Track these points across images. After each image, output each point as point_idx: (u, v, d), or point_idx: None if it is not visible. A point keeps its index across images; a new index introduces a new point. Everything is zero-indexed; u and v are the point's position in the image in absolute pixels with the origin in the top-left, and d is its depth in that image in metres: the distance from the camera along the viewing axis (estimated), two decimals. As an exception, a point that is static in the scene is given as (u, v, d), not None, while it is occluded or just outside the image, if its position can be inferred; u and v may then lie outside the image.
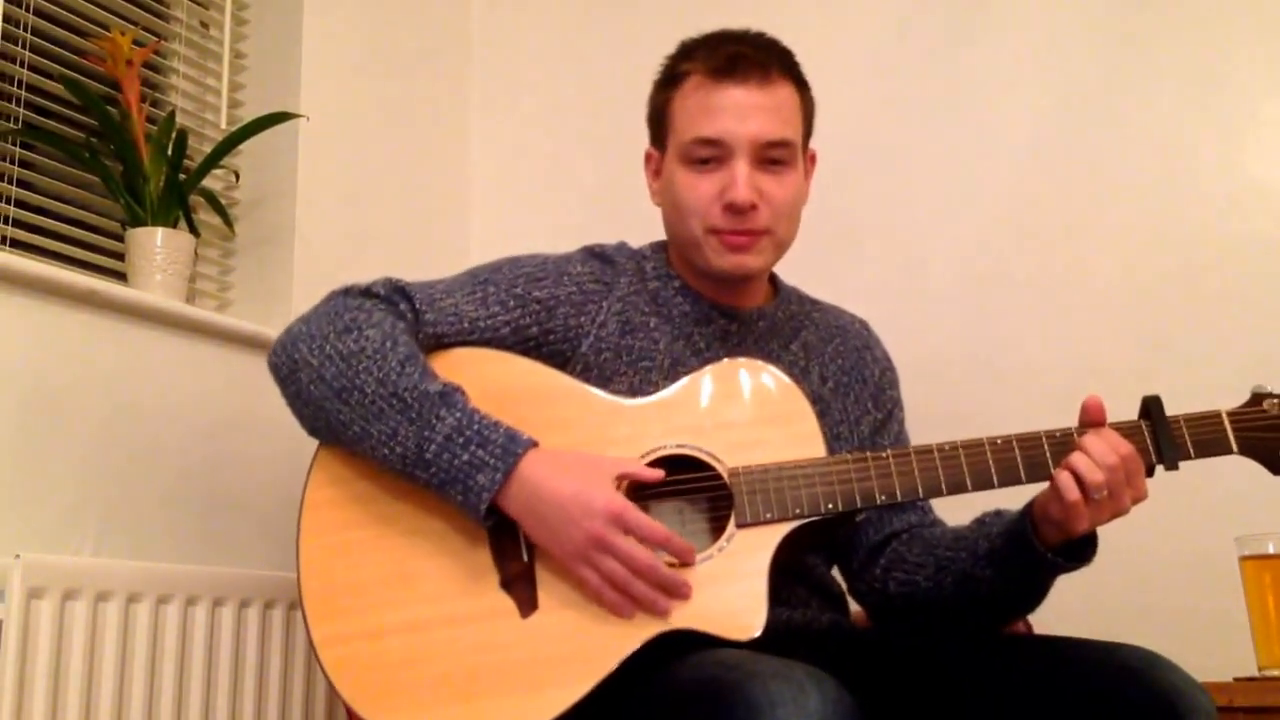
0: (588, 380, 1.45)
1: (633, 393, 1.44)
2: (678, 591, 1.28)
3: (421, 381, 1.32)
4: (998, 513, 1.43)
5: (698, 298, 1.54)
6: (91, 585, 1.58)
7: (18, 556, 1.51)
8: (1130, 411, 1.37)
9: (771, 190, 1.46)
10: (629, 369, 1.48)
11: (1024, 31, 2.21)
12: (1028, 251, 2.15)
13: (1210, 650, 1.59)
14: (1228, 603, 1.69)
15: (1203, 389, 1.93)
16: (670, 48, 1.55)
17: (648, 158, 1.58)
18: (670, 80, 1.52)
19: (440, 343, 1.44)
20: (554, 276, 1.50)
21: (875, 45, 2.29)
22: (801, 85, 1.52)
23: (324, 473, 1.40)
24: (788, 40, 1.54)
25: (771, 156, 1.46)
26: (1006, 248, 2.16)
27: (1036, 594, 1.40)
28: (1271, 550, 1.66)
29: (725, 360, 1.46)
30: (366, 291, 1.44)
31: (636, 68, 2.50)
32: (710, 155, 1.46)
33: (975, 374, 2.09)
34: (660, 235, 1.61)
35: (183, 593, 1.70)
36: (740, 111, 1.45)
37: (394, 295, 1.44)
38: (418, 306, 1.43)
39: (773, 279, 1.62)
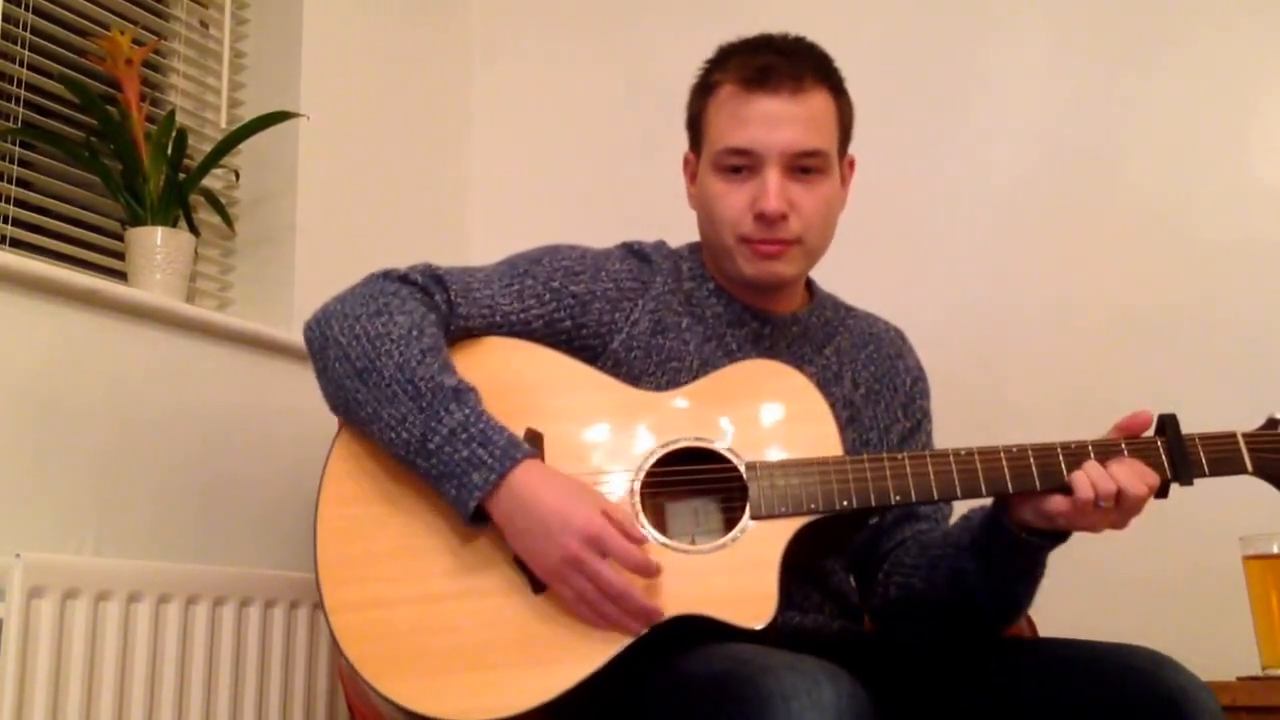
0: (616, 377, 1.45)
1: (659, 391, 1.45)
2: (649, 618, 1.26)
3: (439, 374, 1.32)
4: (981, 508, 1.43)
5: (731, 300, 1.54)
6: (92, 585, 1.58)
7: (18, 556, 1.51)
8: (1133, 405, 1.37)
9: (802, 200, 1.46)
10: (658, 368, 1.48)
11: (1032, 29, 2.21)
12: (1034, 249, 2.14)
13: (1214, 650, 1.59)
14: (1231, 603, 1.69)
15: (1212, 389, 1.95)
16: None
17: (686, 161, 1.58)
18: (705, 88, 1.52)
19: (470, 333, 1.45)
20: (591, 272, 1.51)
21: (882, 40, 2.28)
22: (837, 92, 1.51)
23: (347, 444, 1.40)
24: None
25: (803, 165, 1.46)
26: (1013, 245, 2.16)
27: (1022, 584, 1.39)
28: (1275, 550, 1.66)
29: (747, 360, 1.47)
30: (404, 277, 1.44)
31: (635, 67, 2.52)
32: (742, 164, 1.46)
33: (981, 370, 2.08)
34: (661, 235, 1.60)
35: (183, 592, 1.70)
36: (771, 121, 1.45)
37: (430, 284, 1.44)
38: (452, 298, 1.44)
39: (809, 284, 1.62)
